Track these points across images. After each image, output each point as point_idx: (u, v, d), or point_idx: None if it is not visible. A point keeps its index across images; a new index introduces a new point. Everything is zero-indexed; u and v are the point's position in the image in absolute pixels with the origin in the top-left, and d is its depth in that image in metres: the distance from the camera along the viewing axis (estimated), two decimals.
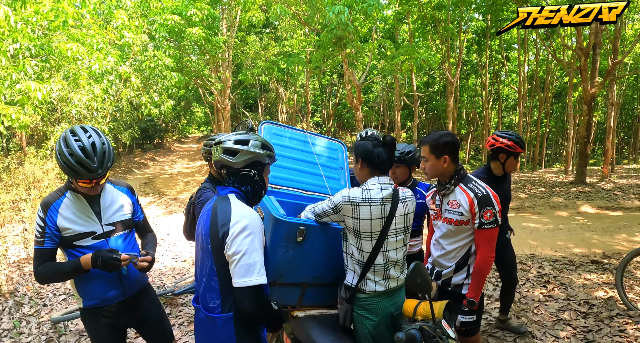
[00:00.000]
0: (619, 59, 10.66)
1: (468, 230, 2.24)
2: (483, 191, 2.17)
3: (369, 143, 2.05)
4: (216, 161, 1.75)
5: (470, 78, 28.23)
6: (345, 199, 1.95)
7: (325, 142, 3.12)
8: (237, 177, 1.75)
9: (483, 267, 2.18)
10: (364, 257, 1.99)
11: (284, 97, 27.34)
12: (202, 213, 1.78)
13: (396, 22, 19.10)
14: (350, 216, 1.95)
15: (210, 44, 13.35)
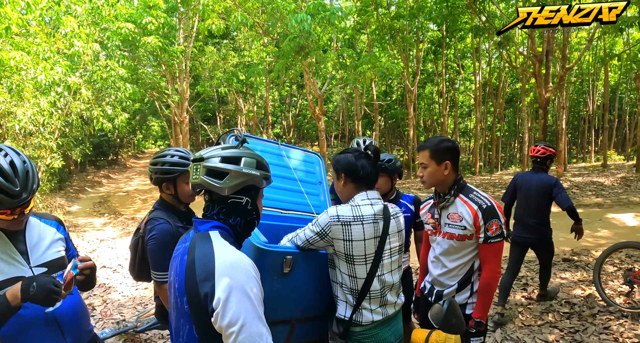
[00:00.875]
0: (570, 65, 11.21)
1: (472, 245, 2.04)
2: (487, 203, 1.98)
3: (350, 156, 1.83)
4: (195, 184, 1.33)
5: (427, 86, 29.03)
6: (334, 218, 1.69)
7: (300, 154, 2.86)
8: (224, 206, 1.35)
9: (491, 285, 1.98)
10: (358, 285, 1.73)
11: (244, 109, 26.91)
12: (175, 256, 1.36)
13: (355, 33, 19.32)
14: (341, 239, 1.69)
15: (166, 54, 12.78)
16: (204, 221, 1.35)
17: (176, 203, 2.21)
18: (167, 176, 2.09)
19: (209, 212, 1.37)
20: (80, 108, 9.32)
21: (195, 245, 1.27)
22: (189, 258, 1.24)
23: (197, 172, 1.32)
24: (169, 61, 13.60)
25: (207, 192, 1.36)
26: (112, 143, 26.49)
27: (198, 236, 1.31)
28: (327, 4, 9.77)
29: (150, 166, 2.16)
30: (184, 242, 1.37)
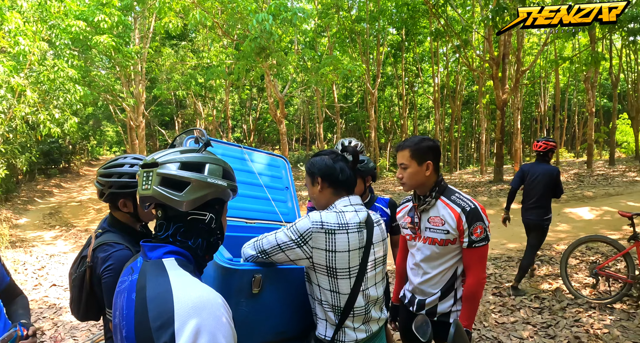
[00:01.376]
0: (525, 68, 11.68)
1: (454, 249, 1.92)
2: (471, 205, 1.86)
3: (326, 158, 1.64)
4: (145, 197, 1.05)
5: (387, 89, 29.51)
6: (317, 225, 1.45)
7: (265, 158, 2.66)
8: (182, 225, 1.08)
9: (476, 291, 1.87)
10: (341, 301, 1.52)
11: (203, 113, 26.24)
12: (120, 291, 1.06)
13: (316, 35, 19.31)
14: (323, 249, 1.46)
15: (121, 55, 12.12)
16: (155, 246, 1.06)
17: (132, 222, 1.75)
18: (126, 191, 1.64)
19: (162, 233, 1.08)
20: (25, 112, 8.67)
21: (145, 278, 0.99)
22: (138, 297, 0.97)
23: (149, 181, 1.04)
24: (123, 62, 12.92)
25: (160, 207, 1.08)
26: (63, 149, 25.02)
27: (149, 266, 1.03)
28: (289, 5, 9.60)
29: (101, 178, 1.65)
30: (129, 274, 1.06)
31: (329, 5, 16.32)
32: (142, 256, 1.08)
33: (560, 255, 5.90)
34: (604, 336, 3.46)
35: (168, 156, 1.08)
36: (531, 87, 25.88)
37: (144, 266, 1.04)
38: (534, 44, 21.79)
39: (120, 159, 1.69)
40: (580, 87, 26.61)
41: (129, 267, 1.11)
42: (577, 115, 28.72)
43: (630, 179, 11.58)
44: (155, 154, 1.09)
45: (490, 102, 24.43)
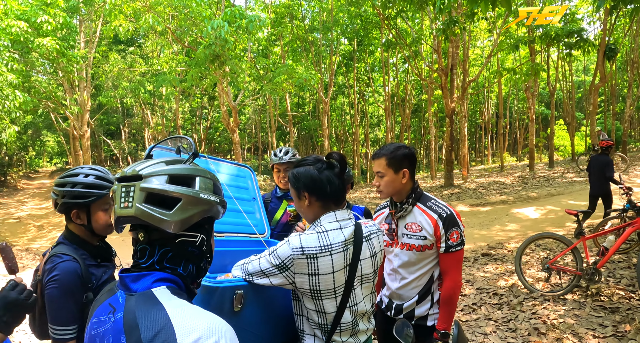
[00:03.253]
0: (473, 78, 12.36)
1: (431, 254, 1.96)
2: (447, 211, 1.90)
3: (311, 169, 1.50)
4: (124, 217, 0.89)
5: (338, 98, 30.02)
6: (298, 251, 1.37)
7: (230, 168, 2.59)
8: (170, 249, 0.92)
9: (454, 294, 1.92)
10: (327, 320, 1.47)
11: (151, 122, 25.33)
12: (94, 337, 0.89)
13: (269, 44, 19.32)
14: (306, 273, 1.40)
15: (65, 59, 11.41)
16: (139, 276, 0.89)
17: (88, 236, 1.70)
18: (79, 202, 1.60)
19: (145, 259, 0.91)
20: None
21: (135, 316, 0.82)
22: (130, 340, 0.79)
23: (130, 198, 0.87)
24: (67, 67, 12.16)
25: (142, 228, 0.91)
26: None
27: (135, 300, 0.86)
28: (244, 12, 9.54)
29: (56, 188, 1.63)
30: (108, 313, 0.88)
31: (283, 14, 16.41)
32: (123, 290, 0.90)
33: (512, 253, 6.22)
34: (560, 325, 3.68)
35: (152, 168, 0.92)
36: (475, 97, 27.34)
37: (129, 301, 0.86)
38: (477, 56, 23.16)
39: (77, 169, 1.67)
40: (520, 96, 28.49)
41: (105, 304, 0.91)
42: (518, 122, 30.67)
43: (569, 180, 12.50)
44: (135, 165, 0.93)
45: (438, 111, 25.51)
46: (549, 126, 21.59)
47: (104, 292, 0.97)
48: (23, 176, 29.44)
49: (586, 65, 29.09)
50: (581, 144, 25.15)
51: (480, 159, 31.14)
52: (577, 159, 16.17)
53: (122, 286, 0.91)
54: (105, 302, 0.91)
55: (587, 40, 9.43)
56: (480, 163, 29.46)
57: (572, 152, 19.59)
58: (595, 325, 3.67)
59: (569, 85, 22.23)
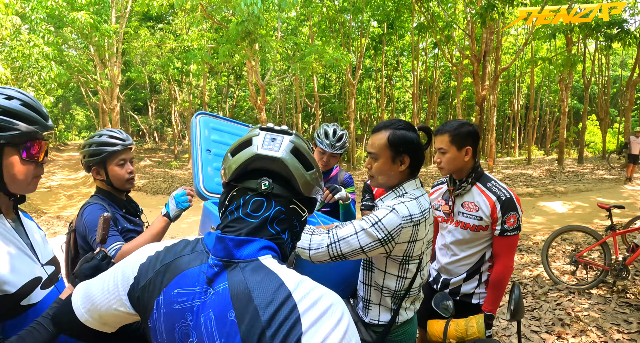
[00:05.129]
0: (506, 66, 12.02)
1: (485, 236, 1.95)
2: (506, 194, 1.88)
3: (412, 133, 1.48)
4: (262, 159, 0.82)
5: (364, 81, 29.65)
6: (407, 219, 1.36)
7: None
8: (285, 210, 0.84)
9: (504, 278, 1.91)
10: (404, 285, 1.48)
11: (178, 99, 25.60)
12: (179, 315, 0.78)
13: (298, 23, 19.15)
14: (407, 241, 1.39)
15: (98, 33, 11.56)
16: (244, 241, 0.79)
17: (112, 190, 1.91)
18: (95, 159, 1.82)
19: (261, 213, 0.82)
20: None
21: (247, 287, 0.73)
22: (243, 315, 0.71)
23: (276, 144, 0.84)
24: (100, 41, 12.29)
25: (271, 176, 0.83)
26: None
27: (244, 270, 0.77)
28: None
29: (80, 151, 1.90)
30: (201, 283, 0.78)
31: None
32: (219, 257, 0.79)
33: (537, 245, 6.15)
34: (584, 318, 3.66)
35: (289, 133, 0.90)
36: (505, 86, 26.64)
37: (233, 271, 0.77)
38: (510, 44, 22.43)
39: (96, 133, 1.89)
40: (552, 88, 27.58)
41: (193, 273, 0.80)
42: (548, 114, 29.79)
43: (599, 177, 12.15)
44: (268, 126, 0.91)
45: (466, 99, 24.96)
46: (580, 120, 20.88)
47: (180, 255, 0.84)
48: (53, 148, 30.44)
49: (624, 59, 27.84)
50: (613, 141, 24.27)
51: (506, 151, 30.50)
52: (608, 157, 15.66)
53: (220, 251, 0.80)
54: (193, 271, 0.80)
55: (628, 32, 9.02)
56: (506, 155, 28.88)
57: (603, 149, 18.97)
58: (620, 321, 3.63)
59: (604, 79, 21.36)
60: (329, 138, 2.59)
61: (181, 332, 0.77)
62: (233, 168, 0.83)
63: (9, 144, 1.04)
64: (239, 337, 0.69)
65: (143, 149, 28.69)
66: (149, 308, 0.81)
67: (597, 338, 3.33)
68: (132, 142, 1.90)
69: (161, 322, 0.79)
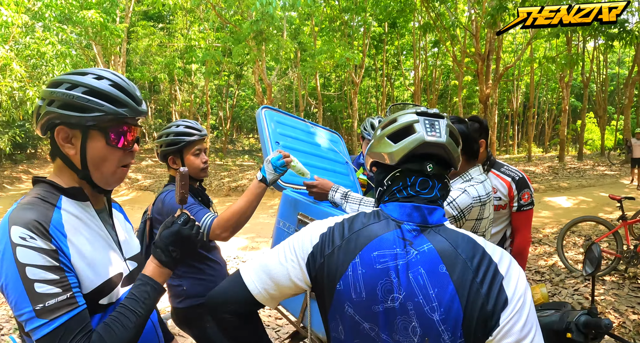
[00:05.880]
0: (510, 64, 12.29)
1: (505, 214, 2.24)
2: (519, 175, 2.21)
3: (461, 125, 1.67)
4: (430, 145, 0.93)
5: (364, 80, 29.88)
6: (476, 200, 1.57)
7: (325, 133, 2.73)
8: (442, 186, 0.98)
9: (524, 248, 2.20)
10: None
11: (180, 99, 25.64)
12: (382, 274, 0.87)
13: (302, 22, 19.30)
14: (474, 219, 1.61)
15: (108, 31, 11.52)
16: (433, 209, 0.93)
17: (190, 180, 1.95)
18: (172, 148, 1.87)
19: (435, 193, 0.95)
20: (12, 87, 8.33)
21: (451, 245, 0.87)
22: (455, 267, 0.84)
23: (437, 129, 0.94)
24: (111, 39, 12.17)
25: (434, 159, 0.95)
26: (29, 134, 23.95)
27: (443, 232, 0.91)
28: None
29: (156, 141, 1.95)
30: (401, 245, 0.89)
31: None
32: (414, 222, 0.92)
33: (547, 238, 6.40)
34: (602, 302, 3.90)
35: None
36: (504, 84, 26.97)
37: (432, 233, 0.90)
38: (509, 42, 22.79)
39: (172, 123, 1.93)
40: (550, 86, 27.94)
41: (389, 237, 0.90)
42: (546, 112, 30.16)
43: (601, 173, 12.47)
44: (416, 108, 1.00)
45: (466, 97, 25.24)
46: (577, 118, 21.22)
47: (368, 224, 0.94)
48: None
49: (621, 57, 28.27)
50: (610, 138, 24.70)
51: (505, 148, 30.81)
52: (607, 154, 16.02)
53: (417, 218, 0.92)
54: (388, 235, 0.90)
55: (630, 31, 9.28)
56: (505, 152, 29.20)
57: (601, 146, 19.36)
58: (634, 304, 3.88)
59: (602, 77, 21.77)
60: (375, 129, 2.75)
61: (384, 289, 0.87)
62: (401, 154, 0.94)
63: (95, 126, 0.97)
64: (452, 285, 0.83)
65: (143, 150, 28.67)
66: (339, 272, 0.90)
67: (615, 319, 3.57)
68: (206, 133, 1.95)
69: (360, 282, 0.88)
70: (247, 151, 31.80)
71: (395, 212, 0.94)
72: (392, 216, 0.94)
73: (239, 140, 38.14)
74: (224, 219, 1.63)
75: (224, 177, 16.74)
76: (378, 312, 0.87)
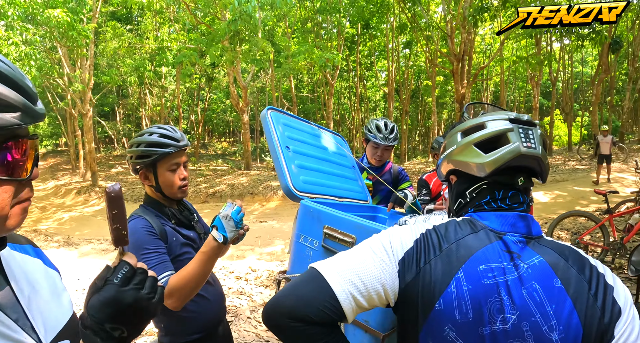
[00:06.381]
0: (485, 64, 12.58)
1: None
2: None
3: None
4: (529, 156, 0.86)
5: (337, 82, 30.03)
6: None
7: (330, 136, 2.56)
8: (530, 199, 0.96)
9: None
10: None
11: (150, 103, 24.96)
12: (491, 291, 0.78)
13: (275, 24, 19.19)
14: None
15: (75, 32, 10.84)
16: (532, 219, 0.87)
17: (161, 198, 1.59)
18: (143, 161, 1.51)
19: (522, 205, 0.89)
20: None
21: (560, 257, 0.81)
22: (568, 280, 0.78)
23: (532, 139, 0.86)
24: (78, 40, 11.50)
25: (526, 172, 0.89)
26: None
27: (549, 244, 0.84)
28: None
29: (127, 150, 1.59)
30: (507, 259, 0.81)
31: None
32: (519, 234, 0.84)
33: None
34: None
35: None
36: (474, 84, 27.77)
37: (536, 246, 0.83)
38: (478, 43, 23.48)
39: (147, 129, 1.57)
40: (517, 85, 28.89)
41: (492, 250, 0.81)
42: (515, 110, 31.18)
43: (572, 168, 12.93)
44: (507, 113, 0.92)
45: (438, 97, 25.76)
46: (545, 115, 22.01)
47: (466, 235, 0.84)
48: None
49: (584, 56, 29.59)
50: (576, 134, 25.81)
51: None
52: (577, 149, 16.70)
53: (523, 228, 0.85)
54: (490, 247, 0.82)
55: (599, 32, 9.64)
56: None
57: (569, 141, 20.17)
58: None
59: (567, 76, 22.72)
60: (382, 131, 2.64)
61: (492, 308, 0.77)
62: (493, 166, 0.86)
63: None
64: (569, 300, 0.76)
65: (112, 156, 27.75)
66: (438, 288, 0.79)
67: None
68: (188, 142, 1.59)
69: (466, 300, 0.77)
70: (220, 155, 31.29)
71: (494, 222, 0.86)
72: (490, 227, 0.85)
73: (211, 144, 37.50)
74: (177, 287, 1.33)
75: (200, 183, 16.37)
76: (484, 335, 0.77)
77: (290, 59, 11.35)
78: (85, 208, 14.46)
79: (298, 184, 1.91)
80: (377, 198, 2.85)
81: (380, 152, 2.70)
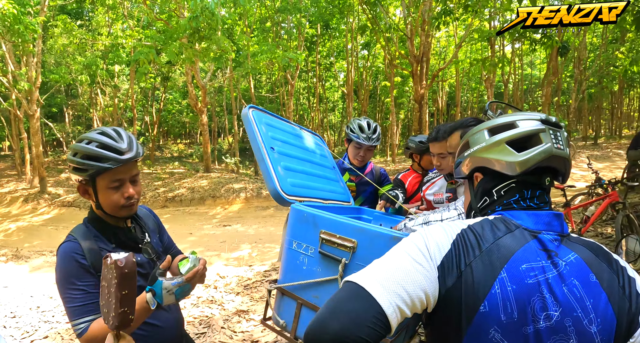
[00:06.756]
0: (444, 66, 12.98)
1: None
2: None
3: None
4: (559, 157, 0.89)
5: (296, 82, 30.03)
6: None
7: (310, 136, 2.48)
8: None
9: None
10: None
11: (101, 103, 23.80)
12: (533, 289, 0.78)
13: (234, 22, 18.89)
14: None
15: (22, 26, 9.93)
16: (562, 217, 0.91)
17: (105, 216, 1.36)
18: (79, 175, 1.27)
19: (547, 204, 0.92)
20: None
21: (592, 254, 0.85)
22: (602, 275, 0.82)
23: (561, 141, 0.90)
24: (23, 35, 10.58)
25: (551, 173, 0.93)
26: None
27: (579, 241, 0.88)
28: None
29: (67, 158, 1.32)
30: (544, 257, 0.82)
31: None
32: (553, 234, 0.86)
33: None
34: None
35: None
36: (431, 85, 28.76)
37: (569, 243, 0.86)
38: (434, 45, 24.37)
39: (90, 132, 1.32)
40: (471, 86, 30.10)
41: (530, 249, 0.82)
42: (469, 110, 32.47)
43: None
44: (536, 114, 0.94)
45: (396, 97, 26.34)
46: None
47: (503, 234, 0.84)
48: None
49: (532, 60, 31.31)
50: None
51: None
52: None
53: (557, 226, 0.88)
54: (528, 246, 0.83)
55: (551, 37, 10.16)
56: None
57: None
58: None
59: (518, 77, 24.01)
60: (365, 131, 2.60)
61: (535, 307, 0.78)
62: (526, 165, 0.88)
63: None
64: (604, 294, 0.80)
65: (61, 160, 26.14)
66: (482, 290, 0.78)
67: None
68: (139, 152, 1.31)
69: (511, 300, 0.78)
70: (176, 157, 30.29)
71: (527, 221, 0.87)
72: (524, 226, 0.86)
73: (166, 146, 36.25)
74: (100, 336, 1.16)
75: (159, 187, 15.79)
76: (528, 334, 0.78)
77: (251, 58, 11.16)
78: (34, 217, 13.54)
79: (286, 187, 1.81)
80: (360, 199, 2.82)
81: (363, 152, 2.68)
